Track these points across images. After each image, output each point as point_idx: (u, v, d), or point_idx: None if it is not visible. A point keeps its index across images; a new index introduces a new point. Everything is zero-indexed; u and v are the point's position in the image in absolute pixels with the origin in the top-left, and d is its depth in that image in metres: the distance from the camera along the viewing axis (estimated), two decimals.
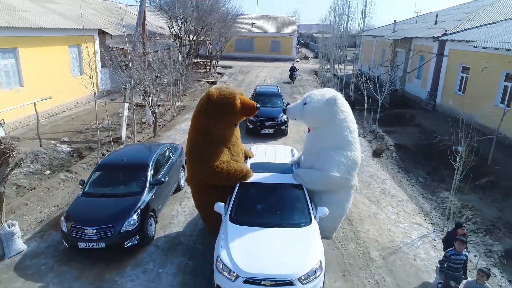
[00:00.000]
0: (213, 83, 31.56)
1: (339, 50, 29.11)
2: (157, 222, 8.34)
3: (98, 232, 7.02)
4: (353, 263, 7.42)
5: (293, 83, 31.60)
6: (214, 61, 36.63)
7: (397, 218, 9.47)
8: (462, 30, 20.99)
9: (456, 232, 6.57)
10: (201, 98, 7.56)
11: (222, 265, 5.88)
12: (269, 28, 52.66)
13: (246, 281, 5.66)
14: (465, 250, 6.15)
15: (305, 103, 7.34)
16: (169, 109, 20.45)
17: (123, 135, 15.26)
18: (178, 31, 31.43)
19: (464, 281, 6.10)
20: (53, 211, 9.58)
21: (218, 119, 7.17)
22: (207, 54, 36.82)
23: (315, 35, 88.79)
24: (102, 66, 22.98)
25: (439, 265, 6.35)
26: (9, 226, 7.42)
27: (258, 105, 7.54)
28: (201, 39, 32.74)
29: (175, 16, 29.81)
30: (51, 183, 11.00)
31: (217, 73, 37.09)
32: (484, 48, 16.00)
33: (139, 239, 7.37)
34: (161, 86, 16.66)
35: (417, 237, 8.51)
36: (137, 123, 17.25)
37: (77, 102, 20.59)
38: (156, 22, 36.26)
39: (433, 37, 21.59)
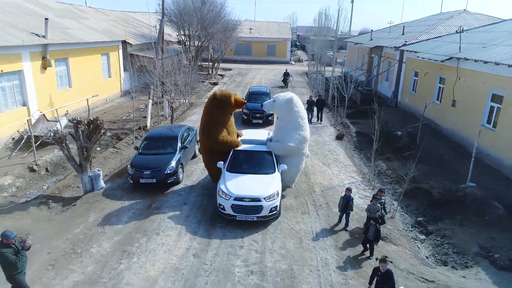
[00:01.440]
0: (215, 84, 36.48)
1: (331, 53, 33.67)
2: (183, 172, 13.27)
3: (152, 173, 11.95)
4: (302, 193, 12.36)
5: (286, 87, 34.35)
6: (215, 64, 41.52)
7: (339, 173, 14.40)
8: (418, 42, 25.90)
9: (378, 194, 10.89)
10: (209, 97, 12.44)
11: (221, 192, 10.63)
12: (265, 33, 57.61)
13: (235, 199, 10.42)
14: (379, 204, 10.43)
15: (274, 101, 12.24)
16: (179, 106, 25.32)
17: (148, 124, 20.19)
18: (184, 38, 36.37)
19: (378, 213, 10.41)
20: (112, 169, 14.49)
21: (220, 109, 12.00)
22: (210, 58, 41.71)
23: (311, 37, 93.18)
24: (124, 70, 27.92)
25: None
26: (96, 171, 12.35)
27: (245, 101, 12.43)
28: (204, 45, 37.62)
29: (183, 26, 34.72)
30: (105, 154, 15.94)
31: (219, 75, 41.98)
32: (423, 58, 20.95)
33: (175, 179, 12.32)
34: (176, 87, 21.51)
35: (347, 183, 13.40)
36: (156, 116, 22.20)
37: (106, 100, 25.46)
38: (165, 30, 41.14)
39: (395, 47, 26.53)
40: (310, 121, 21.18)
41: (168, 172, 12.13)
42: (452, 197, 12.15)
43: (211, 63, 41.24)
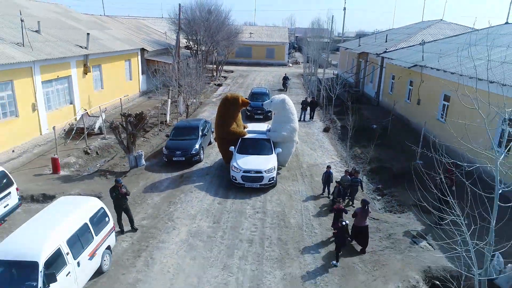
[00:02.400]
0: (219, 85, 40.68)
1: (325, 56, 37.73)
2: (203, 153, 17.48)
3: (181, 153, 16.17)
4: (293, 168, 16.59)
5: (286, 90, 37.09)
6: (219, 67, 45.70)
7: (322, 155, 18.63)
8: (396, 49, 30.13)
9: (354, 174, 14.95)
10: (222, 99, 16.57)
11: (234, 167, 14.80)
12: (265, 37, 61.85)
13: (244, 172, 14.58)
14: (351, 178, 14.57)
15: (271, 101, 16.44)
16: (191, 104, 29.49)
17: (168, 119, 24.38)
18: (192, 44, 40.57)
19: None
20: (146, 153, 18.65)
21: (230, 108, 16.14)
22: (214, 61, 45.90)
23: (308, 39, 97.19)
24: (142, 73, 32.11)
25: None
26: (139, 152, 16.56)
27: (250, 102, 16.63)
28: (211, 50, 41.84)
29: (191, 33, 38.92)
30: (137, 142, 20.07)
31: (222, 76, 46.18)
32: (396, 64, 25.17)
33: (198, 158, 16.56)
34: (191, 88, 25.68)
35: (328, 162, 17.59)
36: (173, 112, 26.38)
37: (128, 99, 29.62)
38: (174, 36, 45.35)
39: (377, 53, 30.77)
40: (303, 119, 25.44)
41: (193, 152, 16.36)
42: (404, 171, 16.37)
43: (215, 66, 45.42)
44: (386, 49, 30.94)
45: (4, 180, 11.22)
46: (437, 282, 9.46)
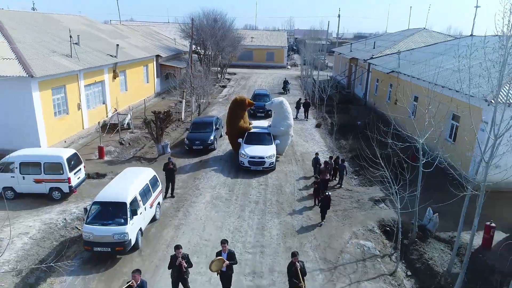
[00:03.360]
0: (224, 87, 44.82)
1: (323, 58, 41.79)
2: (217, 143, 21.71)
3: (200, 143, 20.44)
4: (289, 155, 20.80)
5: (286, 93, 40.22)
6: (223, 70, 49.86)
7: (313, 146, 22.84)
8: (380, 56, 34.30)
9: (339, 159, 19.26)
10: (232, 101, 20.74)
11: (242, 154, 19.00)
12: (265, 41, 66.07)
13: (250, 158, 18.80)
14: (340, 164, 18.84)
15: (271, 102, 20.68)
16: (201, 104, 33.68)
17: (183, 117, 28.57)
18: (200, 49, 44.74)
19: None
20: (169, 143, 22.84)
21: (239, 108, 20.34)
22: (218, 64, 50.05)
23: (307, 41, 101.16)
24: (156, 77, 36.31)
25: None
26: (166, 142, 20.76)
27: (254, 103, 20.87)
28: (216, 55, 46.03)
29: (199, 40, 43.12)
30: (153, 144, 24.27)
31: (226, 79, 50.35)
32: (378, 70, 29.36)
33: (213, 147, 20.82)
34: (203, 90, 29.84)
35: (317, 150, 21.77)
36: (186, 111, 30.58)
37: (144, 100, 33.78)
38: (184, 43, 49.60)
39: (364, 59, 34.98)
40: (296, 117, 29.62)
41: (209, 142, 20.57)
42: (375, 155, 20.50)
43: (220, 69, 49.59)
44: (373, 55, 35.12)
45: (77, 159, 15.40)
46: (387, 228, 13.65)
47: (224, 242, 9.24)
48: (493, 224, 12.01)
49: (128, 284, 7.72)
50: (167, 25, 67.22)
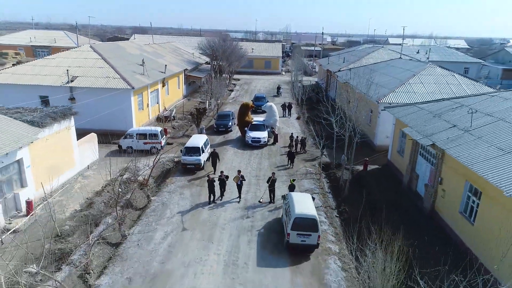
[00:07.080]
0: (231, 90, 58.56)
1: (312, 64, 55.05)
2: (233, 127, 35.63)
3: (223, 126, 34.53)
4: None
5: (279, 96, 55.21)
6: (231, 77, 63.57)
7: (292, 130, 36.65)
8: (345, 69, 47.99)
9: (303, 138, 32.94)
10: (240, 105, 34.54)
11: (247, 136, 32.71)
12: (263, 52, 79.88)
13: (252, 138, 32.53)
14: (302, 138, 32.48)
15: (265, 105, 34.69)
16: (218, 103, 47.44)
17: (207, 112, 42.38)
18: (213, 61, 58.57)
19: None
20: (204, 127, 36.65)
21: (245, 109, 34.12)
22: (226, 72, 63.82)
23: (302, 48, 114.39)
24: (184, 84, 50.11)
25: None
26: (203, 126, 34.62)
27: (255, 105, 34.89)
28: (225, 66, 59.89)
29: (212, 56, 57.00)
30: (192, 128, 38.16)
31: (232, 84, 64.08)
32: (339, 80, 43.20)
33: (231, 129, 34.99)
34: (219, 94, 43.51)
35: (295, 132, 35.47)
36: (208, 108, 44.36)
37: (176, 101, 47.55)
38: (200, 56, 63.44)
39: (333, 71, 48.77)
40: (284, 116, 43.24)
41: (229, 126, 34.64)
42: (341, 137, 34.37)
43: (228, 76, 63.35)
44: (340, 69, 48.86)
45: (163, 132, 29.20)
46: (323, 165, 27.38)
47: (239, 171, 22.79)
48: (367, 159, 25.87)
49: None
50: (183, 38, 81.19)
